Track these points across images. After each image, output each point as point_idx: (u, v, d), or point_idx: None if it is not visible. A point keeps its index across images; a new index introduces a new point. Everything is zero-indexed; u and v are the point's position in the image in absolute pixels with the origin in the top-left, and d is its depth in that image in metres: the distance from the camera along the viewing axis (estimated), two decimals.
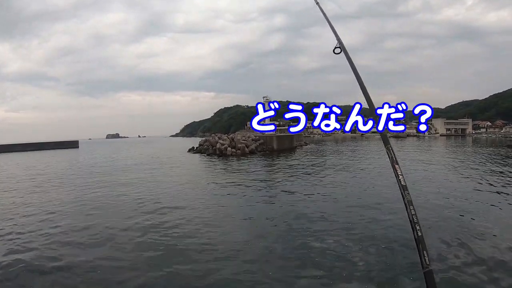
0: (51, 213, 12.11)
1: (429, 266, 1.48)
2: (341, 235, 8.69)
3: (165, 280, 6.33)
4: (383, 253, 7.26)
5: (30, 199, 14.97)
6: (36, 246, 8.43)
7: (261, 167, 27.59)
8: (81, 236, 9.16)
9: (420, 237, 1.57)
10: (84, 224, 10.35)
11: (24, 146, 61.52)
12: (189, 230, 9.57)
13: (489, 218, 9.77)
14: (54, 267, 7.06)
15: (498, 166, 22.26)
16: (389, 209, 10.80)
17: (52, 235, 9.37)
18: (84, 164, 34.70)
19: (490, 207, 11.22)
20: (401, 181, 1.72)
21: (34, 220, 11.09)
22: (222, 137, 46.39)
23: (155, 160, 35.87)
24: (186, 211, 11.81)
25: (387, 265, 6.63)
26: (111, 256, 7.63)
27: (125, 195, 15.30)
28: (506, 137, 66.45)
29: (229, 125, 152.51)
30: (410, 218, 1.61)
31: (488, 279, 5.93)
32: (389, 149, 1.83)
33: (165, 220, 10.66)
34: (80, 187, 18.05)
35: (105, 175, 23.29)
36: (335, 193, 14.66)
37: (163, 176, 21.85)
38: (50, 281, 6.44)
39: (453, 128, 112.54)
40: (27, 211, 12.59)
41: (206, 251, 7.76)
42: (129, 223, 10.35)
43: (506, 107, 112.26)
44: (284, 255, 7.46)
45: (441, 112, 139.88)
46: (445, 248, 7.38)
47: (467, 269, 6.33)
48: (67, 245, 8.52)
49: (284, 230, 9.49)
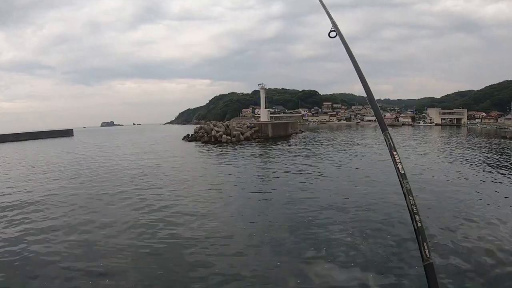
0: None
1: (430, 259, 1.40)
2: (341, 221, 8.75)
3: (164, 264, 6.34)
4: (383, 243, 7.22)
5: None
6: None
7: (256, 153, 27.59)
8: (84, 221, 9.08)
9: (419, 228, 1.46)
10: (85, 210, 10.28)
11: (18, 136, 60.92)
12: (186, 220, 9.56)
13: (489, 207, 9.87)
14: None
15: (495, 156, 22.47)
16: (388, 199, 10.82)
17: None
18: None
19: (489, 196, 11.36)
20: (400, 169, 1.60)
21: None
22: (217, 124, 46.19)
23: (148, 148, 35.67)
24: (182, 201, 11.78)
25: (387, 256, 6.61)
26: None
27: (115, 187, 15.19)
28: (501, 128, 67.00)
29: (224, 113, 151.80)
30: (409, 208, 1.51)
31: (491, 271, 5.90)
32: (387, 136, 1.72)
33: (164, 212, 10.64)
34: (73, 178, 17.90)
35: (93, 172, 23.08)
36: (331, 178, 14.75)
37: (156, 167, 21.73)
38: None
39: (449, 118, 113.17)
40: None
41: (207, 239, 7.85)
42: (128, 216, 10.28)
43: (501, 98, 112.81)
44: (281, 241, 7.51)
45: (436, 102, 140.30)
46: (445, 239, 7.35)
47: (468, 261, 6.28)
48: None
49: (279, 216, 9.53)
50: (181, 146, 38.10)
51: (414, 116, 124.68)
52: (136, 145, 40.18)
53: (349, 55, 2.21)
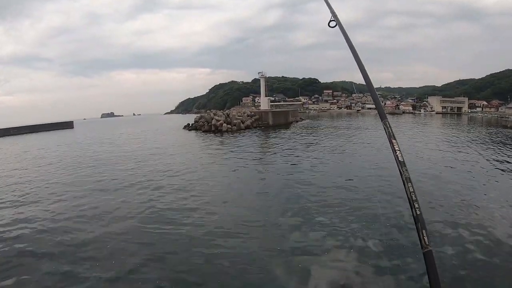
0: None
1: (429, 246, 1.43)
2: (339, 208, 8.88)
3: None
4: (383, 231, 7.28)
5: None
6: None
7: (257, 141, 27.64)
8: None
9: (419, 216, 1.49)
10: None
11: (18, 129, 60.66)
12: (191, 202, 9.70)
13: (488, 195, 9.97)
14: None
15: (496, 145, 22.43)
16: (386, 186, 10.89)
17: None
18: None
19: (488, 183, 11.46)
20: (399, 156, 1.64)
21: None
22: (218, 113, 46.06)
23: (150, 138, 35.69)
24: (186, 187, 11.91)
25: (387, 243, 6.66)
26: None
27: (121, 174, 15.30)
28: (502, 117, 66.54)
29: (224, 101, 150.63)
30: (408, 196, 1.54)
31: (491, 258, 5.93)
32: (386, 124, 1.75)
33: (168, 197, 10.81)
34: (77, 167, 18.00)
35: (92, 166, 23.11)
36: (331, 165, 14.83)
37: (160, 156, 21.77)
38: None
39: (449, 107, 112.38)
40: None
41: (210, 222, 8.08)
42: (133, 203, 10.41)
43: (502, 87, 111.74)
44: (279, 225, 7.72)
45: (437, 90, 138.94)
46: (445, 226, 7.38)
47: (467, 248, 6.32)
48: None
49: (279, 201, 9.72)
50: (182, 135, 38.15)
51: (414, 104, 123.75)
52: (139, 137, 40.21)
53: (348, 44, 2.22)
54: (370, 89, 1.99)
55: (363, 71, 2.05)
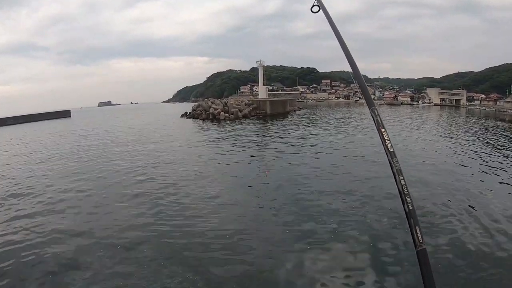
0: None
1: (422, 244, 1.32)
2: (337, 198, 9.04)
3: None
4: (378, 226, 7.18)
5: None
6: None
7: (254, 130, 27.73)
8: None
9: (411, 211, 1.36)
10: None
11: (15, 119, 59.96)
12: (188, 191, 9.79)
13: (484, 188, 9.94)
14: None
15: (490, 139, 22.52)
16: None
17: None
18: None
19: (483, 177, 11.47)
20: (388, 146, 1.50)
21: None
22: (215, 102, 45.85)
23: (147, 128, 35.60)
24: (181, 174, 11.99)
25: (380, 237, 6.55)
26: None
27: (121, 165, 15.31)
28: (500, 111, 66.51)
29: (222, 90, 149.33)
30: (400, 189, 1.41)
31: (487, 256, 5.78)
32: (374, 112, 1.62)
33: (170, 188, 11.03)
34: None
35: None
36: (327, 156, 15.03)
37: (158, 143, 21.77)
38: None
39: (447, 99, 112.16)
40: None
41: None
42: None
43: (501, 81, 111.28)
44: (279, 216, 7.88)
45: (436, 82, 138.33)
46: (438, 222, 7.22)
47: (462, 244, 6.15)
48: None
49: (277, 191, 9.86)
50: (179, 123, 38.24)
51: (413, 96, 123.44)
52: (137, 125, 40.05)
53: (333, 30, 2.14)
54: (357, 75, 1.92)
55: (349, 57, 2.00)
